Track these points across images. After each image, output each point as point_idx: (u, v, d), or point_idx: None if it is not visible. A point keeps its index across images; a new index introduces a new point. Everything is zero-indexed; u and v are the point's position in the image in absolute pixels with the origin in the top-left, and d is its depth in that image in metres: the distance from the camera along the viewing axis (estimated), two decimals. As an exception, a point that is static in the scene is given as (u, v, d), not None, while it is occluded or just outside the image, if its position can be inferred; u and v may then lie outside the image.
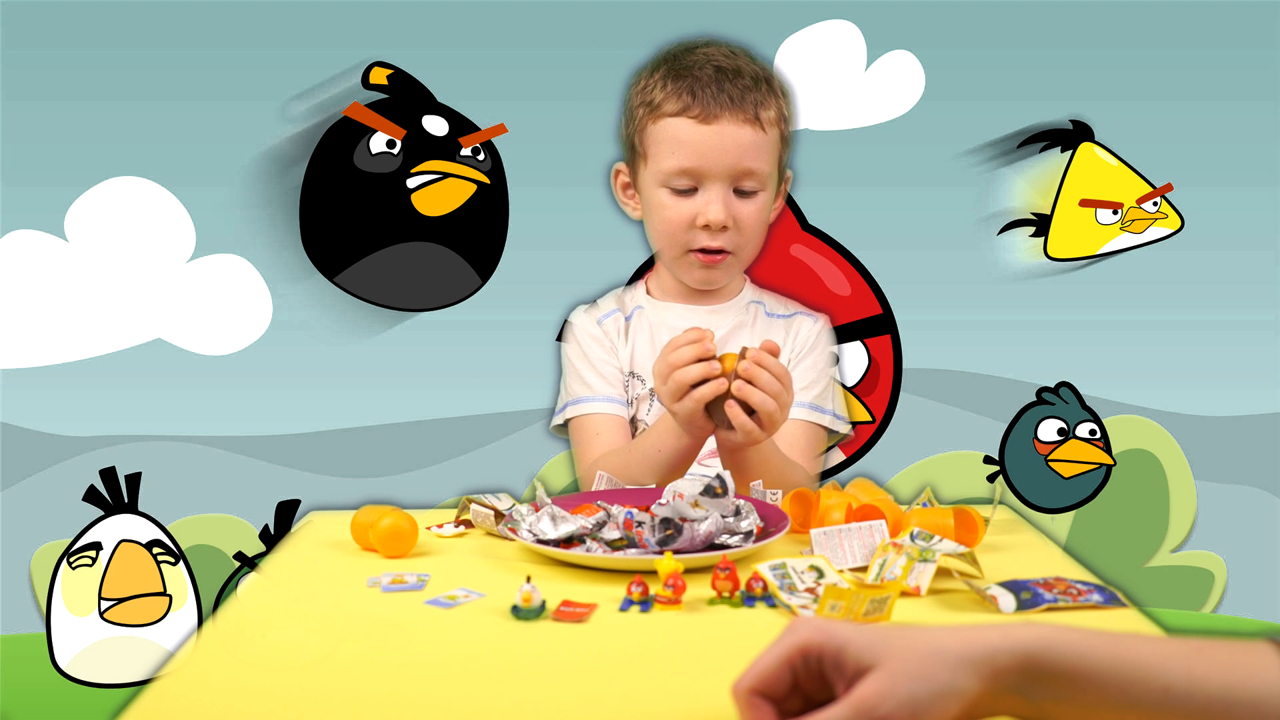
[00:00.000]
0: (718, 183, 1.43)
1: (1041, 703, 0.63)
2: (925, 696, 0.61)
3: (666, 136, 1.44)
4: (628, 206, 1.56)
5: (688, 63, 1.46)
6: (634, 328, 1.54)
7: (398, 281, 1.62)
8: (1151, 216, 1.66)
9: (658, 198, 1.46)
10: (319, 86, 1.60)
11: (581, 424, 1.51)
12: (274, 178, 1.60)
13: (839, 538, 1.05)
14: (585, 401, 1.51)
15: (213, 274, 1.61)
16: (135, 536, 1.61)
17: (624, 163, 1.55)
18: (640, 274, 1.64)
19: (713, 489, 1.08)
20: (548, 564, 1.08)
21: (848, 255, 1.65)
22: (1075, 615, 0.93)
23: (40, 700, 1.59)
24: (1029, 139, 1.64)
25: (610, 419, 1.49)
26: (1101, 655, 0.63)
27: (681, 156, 1.42)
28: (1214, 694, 0.63)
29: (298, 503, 1.62)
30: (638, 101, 1.48)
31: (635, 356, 1.53)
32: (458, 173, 1.60)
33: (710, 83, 1.42)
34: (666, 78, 1.45)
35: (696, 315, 1.51)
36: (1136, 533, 1.68)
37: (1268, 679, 0.63)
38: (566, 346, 1.57)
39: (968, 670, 0.62)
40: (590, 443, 1.49)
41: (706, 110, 1.41)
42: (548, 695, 0.79)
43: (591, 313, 1.58)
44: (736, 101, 1.42)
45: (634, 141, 1.49)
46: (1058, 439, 1.67)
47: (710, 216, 1.42)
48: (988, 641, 0.63)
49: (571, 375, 1.55)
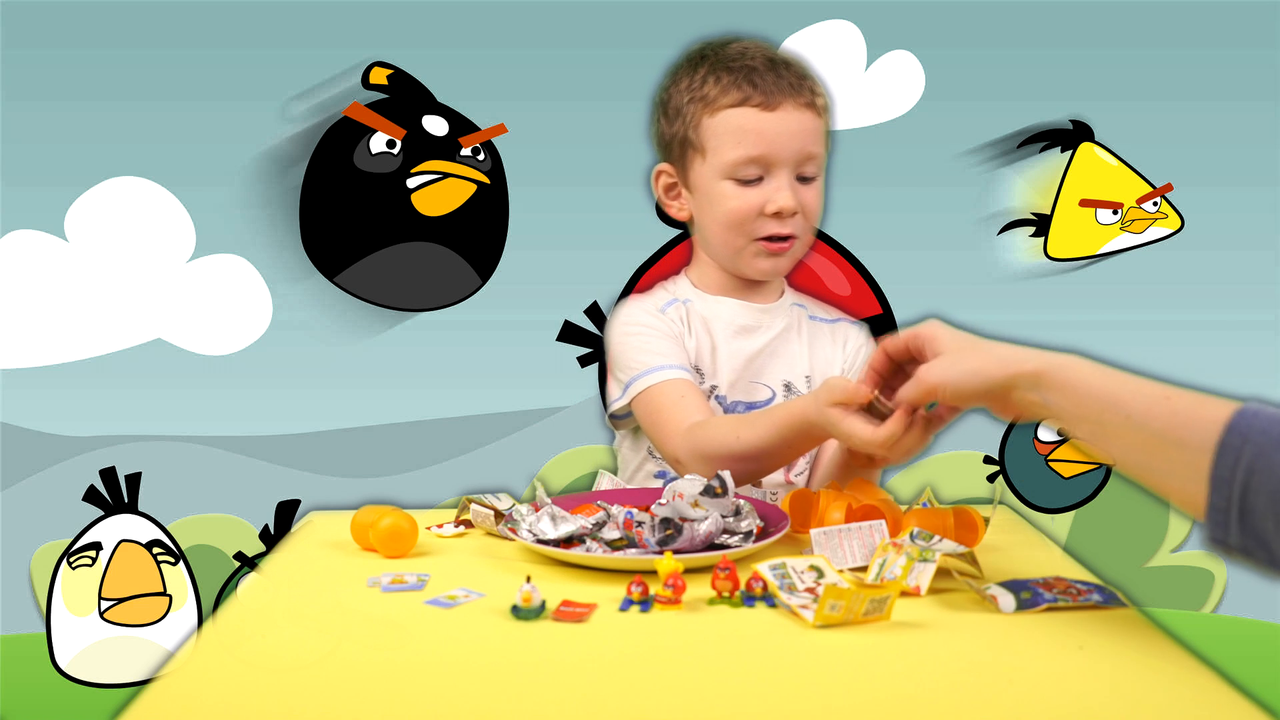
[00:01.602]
0: (784, 169, 1.40)
1: (1043, 405, 0.92)
2: (958, 373, 0.97)
3: (730, 128, 1.40)
4: (671, 207, 1.49)
5: (731, 55, 1.42)
6: (692, 319, 1.48)
7: (398, 281, 1.62)
8: (1151, 216, 1.66)
9: (721, 189, 1.41)
10: (319, 86, 1.60)
11: (660, 391, 1.39)
12: (274, 178, 1.60)
13: (839, 538, 1.05)
14: (660, 369, 1.40)
15: (213, 274, 1.61)
16: (135, 536, 1.61)
17: (667, 163, 1.48)
18: (641, 273, 1.64)
19: (713, 489, 1.08)
20: (548, 564, 1.08)
21: (848, 255, 1.65)
22: (1075, 615, 0.93)
23: (40, 700, 1.59)
24: (1029, 139, 1.63)
25: (690, 385, 1.39)
26: (1091, 382, 0.90)
27: (748, 145, 1.39)
28: (1155, 431, 0.85)
29: (298, 503, 1.62)
30: (686, 99, 1.43)
31: (699, 350, 1.46)
32: (458, 173, 1.60)
33: (767, 71, 1.40)
34: (716, 71, 1.42)
35: (750, 312, 1.48)
36: (1136, 533, 1.68)
37: (1201, 432, 0.81)
38: (620, 331, 1.48)
39: (996, 364, 0.95)
40: (676, 406, 1.37)
41: (769, 98, 1.39)
42: (548, 695, 0.79)
43: (649, 300, 1.50)
44: (795, 87, 1.40)
45: (687, 139, 1.44)
46: (1058, 439, 1.67)
47: (781, 203, 1.40)
48: (1017, 354, 0.94)
49: (635, 351, 1.44)
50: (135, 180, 1.60)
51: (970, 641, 0.88)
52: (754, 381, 1.45)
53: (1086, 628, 0.90)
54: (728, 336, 1.45)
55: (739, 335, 1.45)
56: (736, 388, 1.44)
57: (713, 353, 1.44)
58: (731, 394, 1.44)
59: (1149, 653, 0.86)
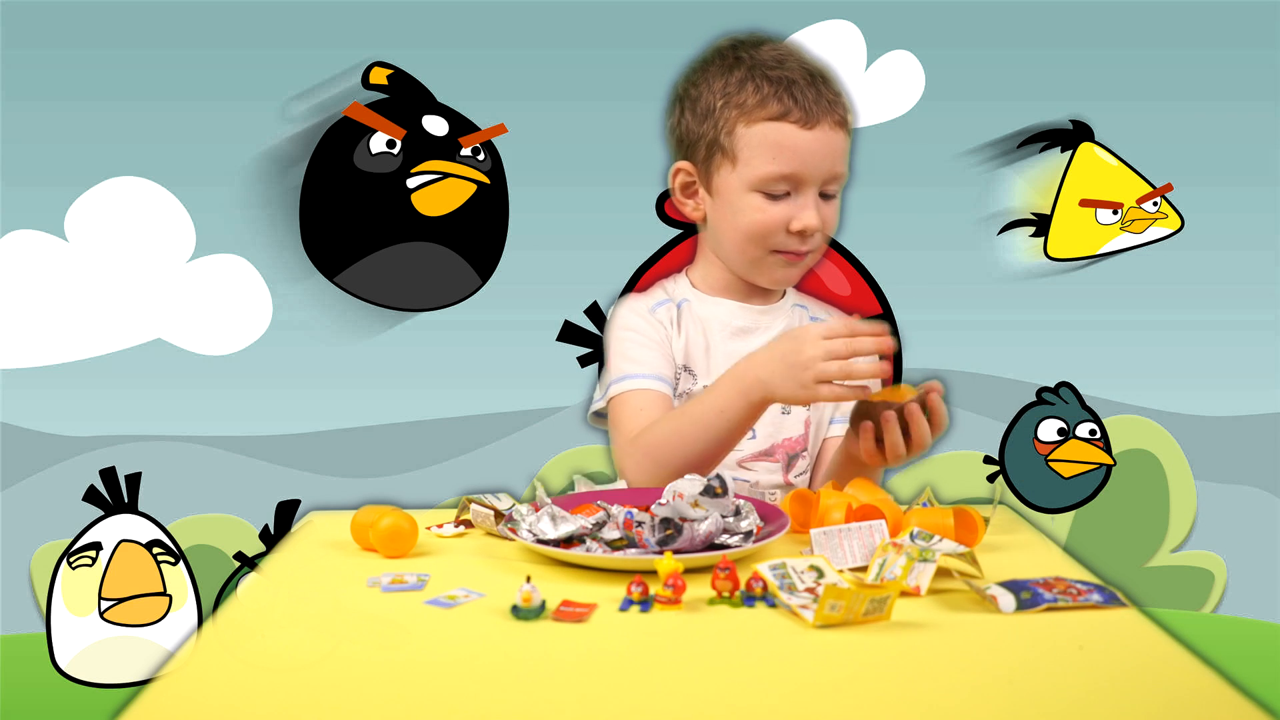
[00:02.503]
0: (812, 188, 1.38)
1: None
2: None
3: (768, 141, 1.37)
4: (686, 206, 1.48)
5: (767, 61, 1.40)
6: (685, 320, 1.48)
7: (398, 281, 1.62)
8: (1151, 216, 1.66)
9: (747, 201, 1.40)
10: (319, 86, 1.60)
11: (624, 400, 1.41)
12: (274, 178, 1.60)
13: (839, 538, 1.05)
14: (631, 378, 1.42)
15: (213, 274, 1.61)
16: (135, 536, 1.61)
17: (689, 163, 1.46)
18: (641, 273, 1.64)
19: (712, 489, 1.08)
20: (548, 564, 1.08)
21: (848, 255, 1.65)
22: (1075, 615, 0.93)
23: (40, 700, 1.59)
24: (1029, 139, 1.63)
25: (657, 395, 1.41)
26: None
27: (783, 162, 1.37)
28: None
29: (298, 503, 1.62)
30: (720, 101, 1.40)
31: (689, 350, 1.46)
32: (458, 173, 1.60)
33: (808, 86, 1.37)
34: (755, 78, 1.39)
35: (749, 313, 1.48)
36: (1136, 533, 1.68)
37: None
38: (612, 331, 1.50)
39: None
40: (633, 418, 1.39)
41: (809, 115, 1.36)
42: (548, 695, 0.79)
43: (641, 301, 1.51)
44: (832, 105, 1.38)
45: (718, 143, 1.41)
46: (1058, 439, 1.67)
47: (807, 222, 1.38)
48: None
49: (617, 356, 1.46)
50: (135, 180, 1.60)
51: (970, 641, 0.88)
52: None
53: (1086, 628, 0.90)
54: (724, 337, 1.45)
55: (735, 336, 1.45)
56: None
57: (707, 353, 1.44)
58: None
59: (1149, 653, 0.86)
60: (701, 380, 1.43)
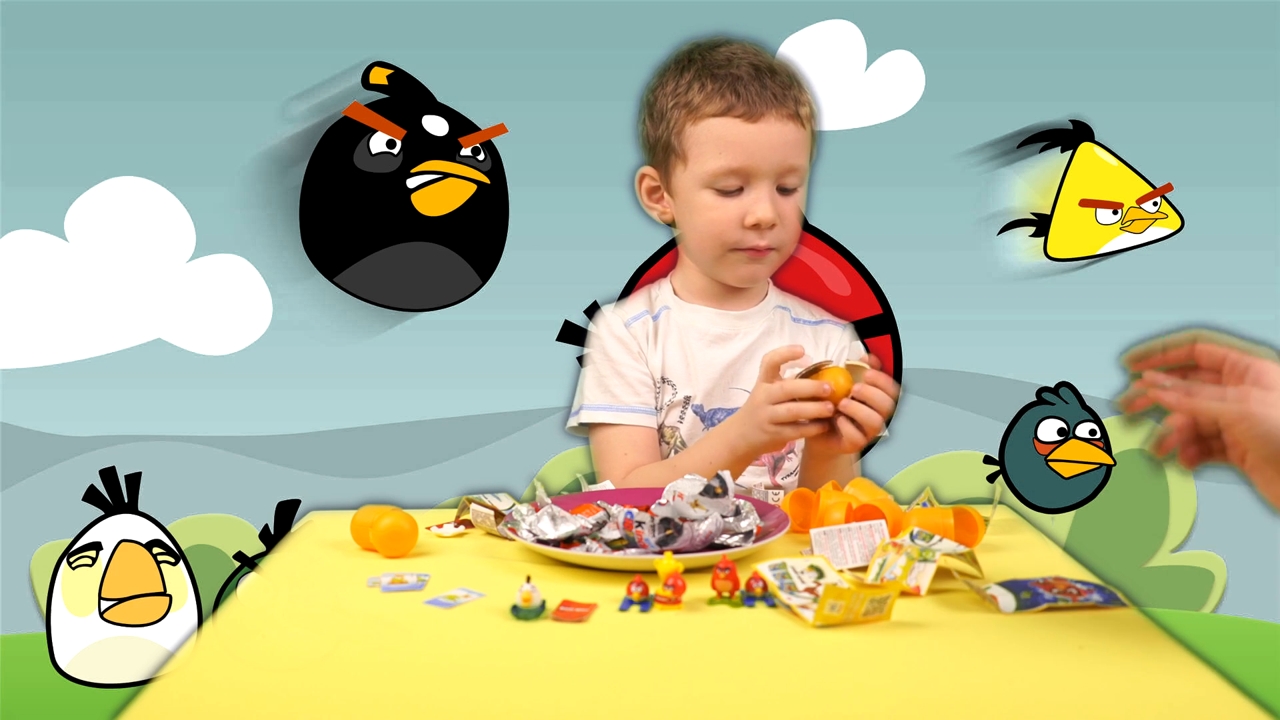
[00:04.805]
0: (764, 181, 1.39)
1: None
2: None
3: (711, 137, 1.39)
4: (654, 210, 1.51)
5: (718, 60, 1.42)
6: (662, 330, 1.50)
7: (398, 281, 1.62)
8: (1151, 216, 1.66)
9: (701, 199, 1.42)
10: (319, 86, 1.60)
11: (608, 436, 1.46)
12: (274, 178, 1.60)
13: (839, 538, 1.05)
14: (610, 410, 1.47)
15: (213, 274, 1.61)
16: (135, 536, 1.61)
17: (650, 166, 1.49)
18: (640, 274, 1.64)
19: (713, 489, 1.08)
20: (548, 564, 1.08)
21: (848, 255, 1.65)
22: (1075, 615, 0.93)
23: (40, 700, 1.59)
24: (1029, 139, 1.64)
25: (639, 432, 1.45)
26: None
27: (729, 156, 1.38)
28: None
29: (298, 503, 1.62)
30: (670, 103, 1.43)
31: (667, 362, 1.48)
32: (458, 173, 1.60)
33: (752, 80, 1.39)
34: (701, 77, 1.41)
35: (726, 319, 1.49)
36: (1136, 533, 1.68)
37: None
38: (591, 346, 1.53)
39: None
40: (619, 460, 1.45)
41: (752, 108, 1.38)
42: (548, 695, 0.79)
43: (619, 313, 1.53)
44: (779, 98, 1.39)
45: (670, 144, 1.44)
46: (1058, 439, 1.67)
47: (760, 215, 1.39)
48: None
49: (594, 379, 1.49)
50: (135, 180, 1.60)
51: (970, 641, 0.88)
52: (731, 387, 1.45)
53: (1086, 628, 0.90)
54: (703, 346, 1.46)
55: (714, 344, 1.46)
56: (714, 395, 1.45)
57: (687, 362, 1.45)
58: (709, 402, 1.45)
59: (1149, 653, 0.86)
60: (683, 390, 1.45)
